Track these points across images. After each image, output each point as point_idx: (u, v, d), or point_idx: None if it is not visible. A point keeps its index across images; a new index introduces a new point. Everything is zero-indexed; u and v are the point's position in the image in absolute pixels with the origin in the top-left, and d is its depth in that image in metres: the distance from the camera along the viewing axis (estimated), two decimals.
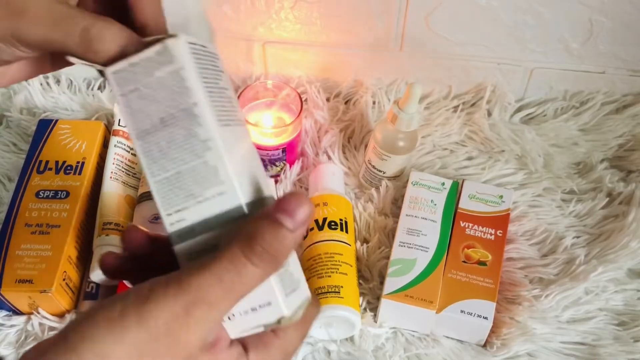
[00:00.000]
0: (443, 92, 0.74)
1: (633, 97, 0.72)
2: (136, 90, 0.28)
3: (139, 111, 0.29)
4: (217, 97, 0.29)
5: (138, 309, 0.25)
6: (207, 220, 0.29)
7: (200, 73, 0.28)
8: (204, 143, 0.28)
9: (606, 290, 0.59)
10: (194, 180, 0.29)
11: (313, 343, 0.57)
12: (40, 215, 0.58)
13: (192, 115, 0.28)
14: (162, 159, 0.29)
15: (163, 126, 0.28)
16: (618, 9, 0.62)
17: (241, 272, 0.26)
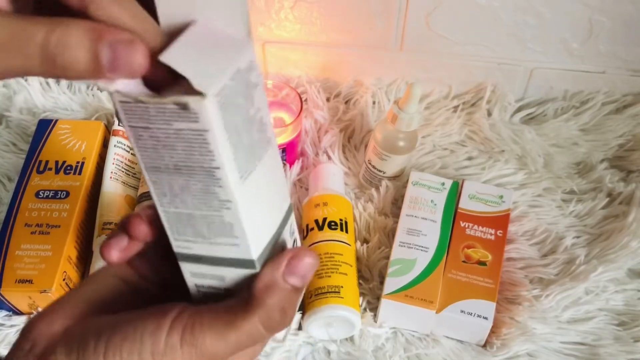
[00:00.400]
0: (443, 92, 0.74)
1: (633, 97, 0.72)
2: (148, 129, 0.25)
3: (150, 148, 0.26)
4: (243, 143, 0.26)
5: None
6: (216, 258, 0.29)
7: (227, 131, 0.25)
8: (222, 203, 0.26)
9: (606, 290, 0.59)
10: (207, 226, 0.28)
11: (313, 343, 0.57)
12: (40, 215, 0.58)
13: (213, 176, 0.26)
14: (174, 197, 0.27)
15: (177, 172, 0.26)
16: (618, 9, 0.62)
17: (256, 341, 0.27)
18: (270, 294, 0.27)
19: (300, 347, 0.56)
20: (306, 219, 0.61)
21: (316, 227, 0.59)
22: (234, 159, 0.25)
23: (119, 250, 0.30)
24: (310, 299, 0.55)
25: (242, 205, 0.26)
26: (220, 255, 0.28)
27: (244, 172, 0.26)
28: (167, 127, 0.24)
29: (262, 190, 0.28)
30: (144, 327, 0.26)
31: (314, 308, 0.54)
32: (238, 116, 0.25)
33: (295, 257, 0.28)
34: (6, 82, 0.76)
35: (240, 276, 0.29)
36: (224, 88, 0.24)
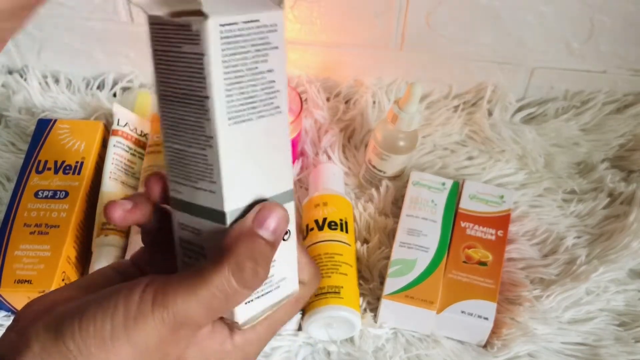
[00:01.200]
0: (443, 92, 0.74)
1: (634, 97, 0.71)
2: (165, 53, 0.27)
3: (164, 74, 0.28)
4: (244, 88, 0.27)
5: (127, 330, 0.25)
6: (198, 206, 0.29)
7: (226, 62, 0.26)
8: (207, 139, 0.27)
9: (607, 291, 0.59)
10: (193, 165, 0.28)
11: (313, 343, 0.56)
12: (39, 215, 0.57)
13: (203, 107, 0.26)
14: (175, 129, 0.28)
15: (179, 101, 0.27)
16: (619, 9, 0.62)
17: (229, 298, 0.27)
18: (240, 243, 0.27)
19: (300, 348, 0.56)
20: (306, 219, 0.61)
21: (316, 227, 0.59)
22: (226, 96, 0.26)
23: (123, 211, 0.30)
24: (310, 300, 0.55)
25: (224, 148, 0.27)
26: (199, 203, 0.29)
27: (234, 116, 0.27)
28: (177, 50, 0.26)
29: (254, 149, 0.28)
30: (118, 296, 0.26)
31: (314, 308, 0.54)
32: (243, 62, 0.27)
33: (264, 209, 0.28)
34: (5, 81, 0.76)
35: (213, 232, 0.29)
36: (234, 27, 0.26)
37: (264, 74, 0.27)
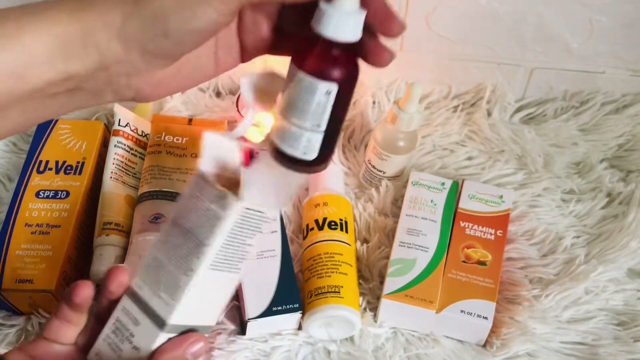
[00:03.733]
0: (443, 92, 0.74)
1: (633, 97, 0.72)
2: (196, 197, 0.37)
3: (186, 209, 0.37)
4: (230, 249, 0.37)
5: None
6: (149, 307, 0.38)
7: (232, 230, 0.36)
8: (187, 269, 0.36)
9: (606, 290, 0.59)
10: (165, 278, 0.37)
11: (313, 343, 0.57)
12: (41, 215, 0.58)
13: (200, 250, 0.36)
14: (167, 245, 0.38)
15: (184, 233, 0.37)
16: (618, 9, 0.62)
17: None
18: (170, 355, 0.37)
19: (300, 347, 0.56)
20: (306, 219, 0.61)
21: (316, 227, 0.59)
22: (219, 251, 0.36)
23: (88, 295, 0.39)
24: (310, 299, 0.55)
25: (195, 282, 0.36)
26: (152, 306, 0.37)
27: (214, 265, 0.37)
28: (204, 202, 0.36)
29: (211, 291, 0.38)
30: None
31: (314, 308, 0.54)
32: (240, 234, 0.37)
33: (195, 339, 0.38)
34: None
35: (147, 329, 0.37)
36: (251, 211, 0.37)
37: (245, 246, 0.38)
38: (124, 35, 0.32)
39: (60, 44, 0.31)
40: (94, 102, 0.35)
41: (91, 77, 0.32)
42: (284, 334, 0.56)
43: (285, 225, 0.60)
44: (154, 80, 0.35)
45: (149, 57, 0.33)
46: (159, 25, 0.31)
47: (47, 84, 0.31)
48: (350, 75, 0.35)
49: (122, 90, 0.34)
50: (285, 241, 0.58)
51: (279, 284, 0.55)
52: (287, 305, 0.54)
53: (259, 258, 0.57)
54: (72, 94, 0.33)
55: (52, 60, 0.31)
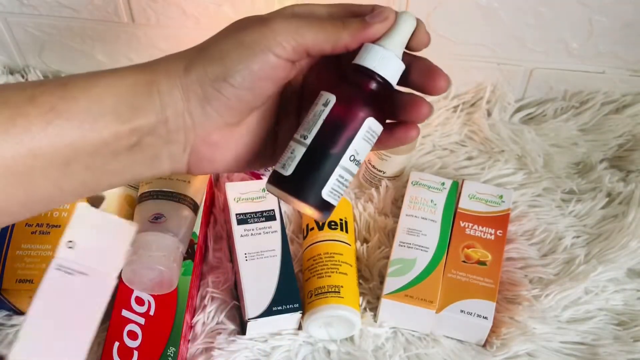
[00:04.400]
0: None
1: (633, 97, 0.72)
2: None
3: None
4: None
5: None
6: None
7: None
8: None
9: (606, 290, 0.59)
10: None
11: (313, 343, 0.57)
12: (40, 215, 0.58)
13: None
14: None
15: None
16: (618, 9, 0.62)
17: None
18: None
19: (300, 347, 0.56)
20: (306, 219, 0.61)
21: (316, 227, 0.59)
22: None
23: None
24: (310, 299, 0.55)
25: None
26: None
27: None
28: None
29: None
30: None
31: (314, 308, 0.54)
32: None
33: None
34: (7, 82, 0.76)
35: None
36: None
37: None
38: (185, 82, 0.32)
39: (127, 94, 0.32)
40: (150, 171, 0.35)
41: (152, 130, 0.33)
42: (284, 333, 0.56)
43: (285, 225, 0.60)
44: (211, 141, 0.35)
45: (208, 107, 0.33)
46: (217, 65, 0.32)
47: (113, 136, 0.32)
48: (363, 103, 0.33)
49: (178, 154, 0.34)
50: (285, 241, 0.58)
51: (279, 284, 0.55)
52: (287, 305, 0.54)
53: (259, 258, 0.57)
54: (132, 153, 0.33)
55: (119, 111, 0.32)
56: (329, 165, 0.33)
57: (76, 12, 0.69)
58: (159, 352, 0.51)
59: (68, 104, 0.31)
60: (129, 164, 0.33)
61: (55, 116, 0.31)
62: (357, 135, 0.33)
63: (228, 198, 0.60)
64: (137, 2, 0.67)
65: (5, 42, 0.74)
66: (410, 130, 0.36)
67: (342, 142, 0.33)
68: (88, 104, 0.31)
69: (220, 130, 0.35)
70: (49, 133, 0.30)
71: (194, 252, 0.57)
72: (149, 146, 0.33)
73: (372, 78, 0.34)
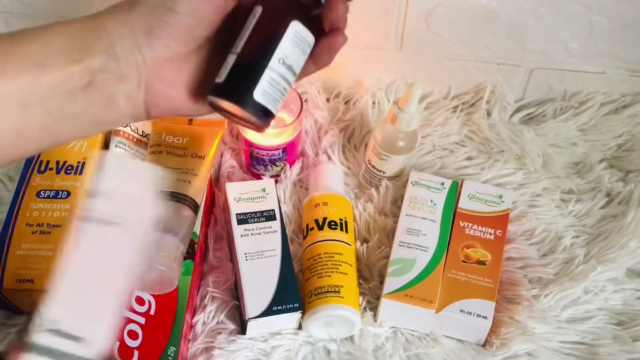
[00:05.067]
0: (443, 92, 0.74)
1: (632, 97, 0.72)
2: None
3: None
4: None
5: None
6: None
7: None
8: None
9: (605, 290, 0.59)
10: None
11: (313, 342, 0.57)
12: (41, 215, 0.58)
13: None
14: None
15: None
16: (617, 10, 0.63)
17: None
18: None
19: (300, 347, 0.56)
20: (306, 219, 0.61)
21: (316, 227, 0.60)
22: None
23: None
24: (310, 299, 0.55)
25: None
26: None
27: None
28: None
29: None
30: None
31: (314, 307, 0.54)
32: None
33: None
34: None
35: None
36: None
37: None
38: (130, 17, 0.34)
39: (75, 37, 0.34)
40: (109, 114, 0.35)
41: (104, 68, 0.34)
42: (284, 333, 0.56)
43: (285, 225, 0.60)
44: (164, 77, 0.36)
45: (153, 39, 0.34)
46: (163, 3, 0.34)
47: (65, 76, 0.33)
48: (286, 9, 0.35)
49: (133, 92, 0.35)
50: (285, 241, 0.58)
51: (279, 284, 0.55)
52: (287, 304, 0.54)
53: (259, 258, 0.57)
54: (87, 93, 0.34)
55: (69, 51, 0.33)
56: (257, 67, 0.35)
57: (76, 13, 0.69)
58: (159, 351, 0.51)
59: (20, 49, 0.33)
60: (86, 106, 0.35)
61: (8, 61, 0.32)
62: (283, 39, 0.36)
63: (228, 198, 0.60)
64: None
65: None
66: (335, 36, 0.39)
67: (268, 45, 0.35)
68: (38, 47, 0.33)
69: (171, 64, 0.36)
70: (3, 76, 0.32)
71: (195, 252, 0.57)
72: (103, 84, 0.34)
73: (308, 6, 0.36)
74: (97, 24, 0.34)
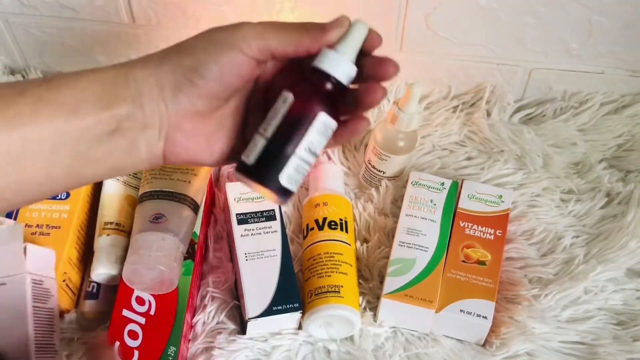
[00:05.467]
0: (443, 92, 0.74)
1: (632, 97, 0.72)
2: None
3: None
4: None
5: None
6: None
7: None
8: None
9: (605, 290, 0.59)
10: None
11: (313, 342, 0.57)
12: (40, 216, 0.58)
13: None
14: None
15: None
16: (617, 10, 0.63)
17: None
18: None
19: (300, 347, 0.56)
20: (306, 219, 0.61)
21: (316, 227, 0.60)
22: None
23: None
24: (310, 299, 0.55)
25: None
26: None
27: None
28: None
29: None
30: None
31: (314, 307, 0.54)
32: None
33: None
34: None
35: None
36: None
37: None
38: (159, 71, 0.36)
39: (107, 84, 0.36)
40: (129, 159, 0.37)
41: (130, 115, 0.36)
42: (284, 333, 0.56)
43: (285, 225, 0.60)
44: (184, 128, 0.37)
45: (180, 94, 0.36)
46: (189, 57, 0.36)
47: (95, 121, 0.35)
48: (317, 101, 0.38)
49: (154, 140, 0.37)
50: (285, 241, 0.58)
51: (279, 284, 0.55)
52: (287, 304, 0.54)
53: (259, 258, 0.57)
54: (113, 138, 0.36)
55: (100, 98, 0.35)
56: (285, 155, 0.38)
57: (77, 13, 0.70)
58: (159, 351, 0.51)
59: (54, 94, 0.34)
60: (109, 151, 0.36)
61: (43, 105, 0.34)
62: (310, 129, 0.38)
63: (228, 198, 0.60)
64: (138, 3, 0.68)
65: (6, 42, 0.75)
66: (360, 122, 0.40)
67: (297, 135, 0.38)
68: (72, 93, 0.35)
69: (192, 118, 0.38)
70: (37, 120, 0.33)
71: (195, 252, 0.57)
72: (128, 130, 0.36)
73: (326, 79, 0.38)
74: (127, 72, 0.36)
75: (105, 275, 0.57)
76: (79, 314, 0.57)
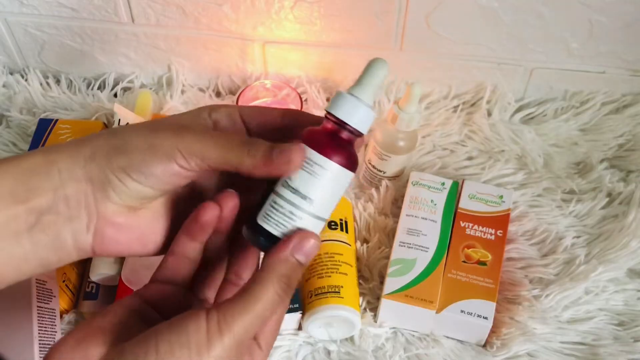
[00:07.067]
0: (443, 92, 0.74)
1: (633, 97, 0.72)
2: None
3: None
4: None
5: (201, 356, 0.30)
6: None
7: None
8: None
9: (606, 290, 0.59)
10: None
11: (313, 343, 0.57)
12: None
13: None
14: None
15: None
16: (618, 9, 0.62)
17: (275, 310, 0.32)
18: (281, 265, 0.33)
19: (300, 347, 0.56)
20: None
21: None
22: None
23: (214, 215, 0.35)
24: (310, 299, 0.55)
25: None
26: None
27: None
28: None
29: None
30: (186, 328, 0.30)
31: (314, 308, 0.54)
32: None
33: (303, 238, 0.34)
34: (7, 82, 0.76)
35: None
36: None
37: None
38: (88, 165, 0.33)
39: (24, 175, 0.32)
40: (56, 254, 0.34)
41: (51, 208, 0.33)
42: (284, 334, 0.56)
43: None
44: (115, 222, 0.35)
45: (109, 190, 0.33)
46: (122, 157, 0.33)
47: (10, 217, 0.32)
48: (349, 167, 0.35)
49: (81, 233, 0.34)
50: None
51: None
52: None
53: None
54: (33, 233, 0.33)
55: (15, 192, 0.32)
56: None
57: (76, 12, 0.69)
58: None
59: None
60: (32, 248, 0.33)
61: None
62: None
63: None
64: (137, 2, 0.67)
65: (5, 42, 0.74)
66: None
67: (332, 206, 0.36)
68: None
69: (124, 212, 0.35)
70: None
71: None
72: (50, 225, 0.33)
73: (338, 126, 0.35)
74: (50, 161, 0.33)
75: (105, 276, 0.57)
76: (78, 314, 0.57)
